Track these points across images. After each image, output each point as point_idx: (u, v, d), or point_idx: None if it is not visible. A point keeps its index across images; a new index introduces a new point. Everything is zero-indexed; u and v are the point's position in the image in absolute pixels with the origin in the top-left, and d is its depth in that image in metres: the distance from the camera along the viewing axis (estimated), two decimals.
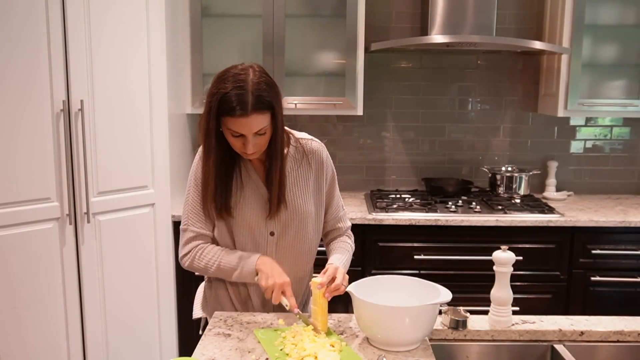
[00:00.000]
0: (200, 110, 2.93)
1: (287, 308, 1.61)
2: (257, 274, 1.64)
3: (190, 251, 1.72)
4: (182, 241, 1.74)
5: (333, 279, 1.62)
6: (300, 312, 1.63)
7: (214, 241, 1.75)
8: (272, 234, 1.72)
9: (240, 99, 1.49)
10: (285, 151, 1.70)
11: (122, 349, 2.54)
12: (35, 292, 2.24)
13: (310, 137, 1.78)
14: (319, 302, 1.58)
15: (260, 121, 1.53)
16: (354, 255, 2.75)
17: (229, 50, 2.95)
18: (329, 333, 1.57)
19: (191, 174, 1.73)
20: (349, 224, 1.89)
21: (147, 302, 2.62)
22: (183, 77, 2.90)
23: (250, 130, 1.53)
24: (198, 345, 1.52)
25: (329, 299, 1.60)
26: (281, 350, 1.46)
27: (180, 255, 1.74)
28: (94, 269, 2.40)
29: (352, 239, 1.89)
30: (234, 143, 1.58)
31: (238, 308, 1.80)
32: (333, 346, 1.47)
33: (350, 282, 1.58)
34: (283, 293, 1.61)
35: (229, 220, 1.70)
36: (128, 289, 2.53)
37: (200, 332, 1.82)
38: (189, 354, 1.61)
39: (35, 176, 2.19)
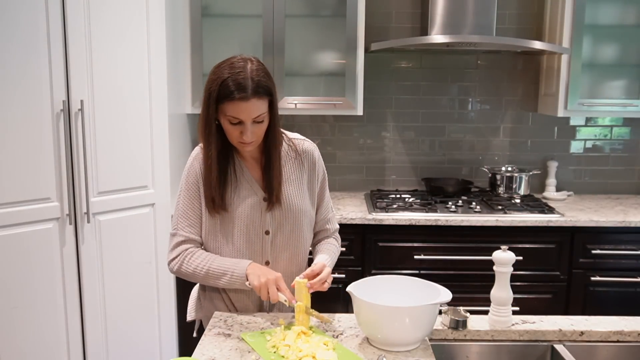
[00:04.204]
0: (200, 110, 2.95)
1: (287, 304, 1.59)
2: (247, 279, 1.63)
3: (178, 255, 1.70)
4: (170, 245, 1.73)
5: (317, 275, 1.63)
6: (299, 304, 1.60)
7: (204, 247, 1.75)
8: (267, 232, 1.71)
9: (240, 83, 1.53)
10: None
11: (122, 349, 2.54)
12: (35, 292, 2.24)
13: (302, 137, 1.80)
14: (301, 298, 1.58)
15: (259, 107, 1.56)
16: (354, 255, 2.79)
17: (229, 50, 2.95)
18: (318, 333, 1.56)
19: (183, 178, 1.73)
20: (337, 226, 1.91)
21: (147, 302, 2.62)
22: (183, 77, 2.90)
23: (249, 116, 1.55)
24: (198, 345, 1.52)
25: (311, 291, 1.60)
26: (275, 352, 1.46)
27: (168, 259, 1.73)
28: (94, 269, 2.40)
29: (339, 241, 1.90)
30: (232, 132, 1.59)
31: (233, 312, 1.79)
32: (326, 345, 1.47)
33: (350, 282, 1.58)
34: (278, 289, 1.60)
35: (224, 218, 1.69)
36: (128, 289, 2.53)
37: (195, 335, 1.82)
38: (189, 354, 1.61)
39: (35, 176, 2.19)
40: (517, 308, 2.53)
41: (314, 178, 1.78)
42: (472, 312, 1.67)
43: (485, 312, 1.68)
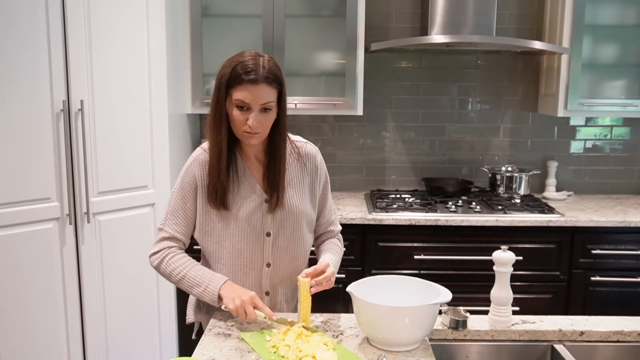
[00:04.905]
0: (200, 110, 2.95)
1: (268, 320, 1.59)
2: (219, 300, 1.62)
3: (160, 251, 1.71)
4: (155, 238, 1.73)
5: (321, 274, 1.63)
6: (279, 317, 1.61)
7: (201, 249, 1.75)
8: (268, 234, 1.71)
9: (252, 68, 1.56)
10: None
11: (122, 349, 2.54)
12: (35, 292, 2.24)
13: (304, 140, 1.80)
14: (303, 297, 1.58)
15: (268, 93, 1.57)
16: (354, 255, 2.79)
17: (229, 50, 2.90)
18: (318, 333, 1.57)
19: (179, 177, 1.73)
20: (340, 227, 1.91)
21: (147, 302, 2.62)
22: (183, 77, 2.90)
23: (257, 101, 1.56)
24: (198, 346, 1.52)
25: (313, 292, 1.60)
26: (275, 352, 1.46)
27: (150, 252, 1.73)
28: (94, 269, 2.40)
29: (342, 242, 1.90)
30: (238, 120, 1.58)
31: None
32: (326, 345, 1.47)
33: (350, 282, 1.58)
34: (255, 307, 1.59)
35: (224, 219, 1.69)
36: (128, 289, 2.53)
37: (194, 337, 1.82)
38: (189, 354, 1.61)
39: (35, 176, 2.19)
40: (517, 308, 2.52)
41: (316, 181, 1.78)
42: (472, 312, 1.67)
43: (485, 312, 1.68)
